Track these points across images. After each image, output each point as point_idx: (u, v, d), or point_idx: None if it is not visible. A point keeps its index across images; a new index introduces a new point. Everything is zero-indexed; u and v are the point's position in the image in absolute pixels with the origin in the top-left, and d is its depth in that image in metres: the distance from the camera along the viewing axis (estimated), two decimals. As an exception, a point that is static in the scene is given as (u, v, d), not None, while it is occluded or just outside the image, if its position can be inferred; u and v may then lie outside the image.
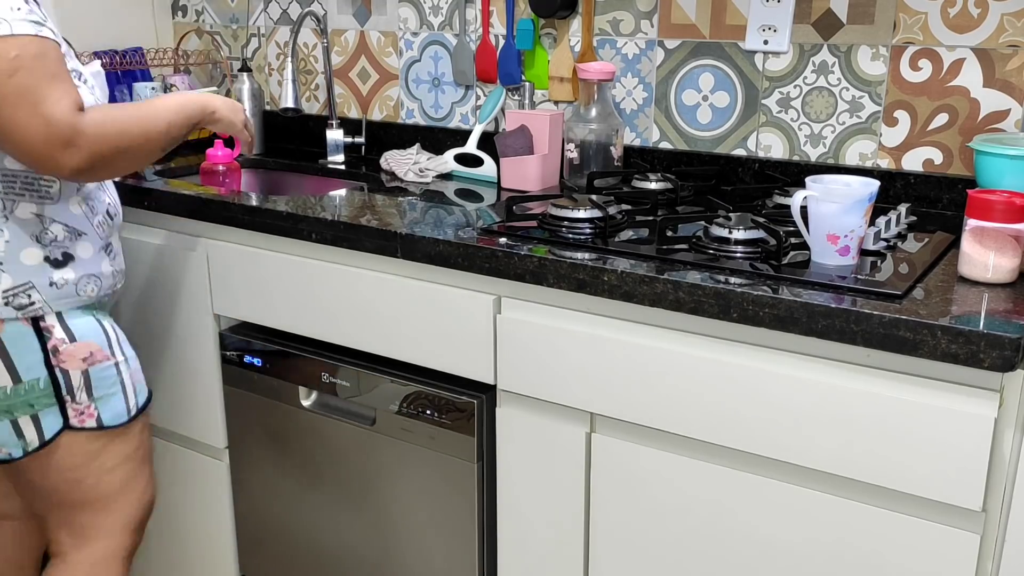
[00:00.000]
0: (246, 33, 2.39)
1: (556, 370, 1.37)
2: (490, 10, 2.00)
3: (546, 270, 1.33)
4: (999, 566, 1.13)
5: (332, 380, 1.62)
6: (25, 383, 1.37)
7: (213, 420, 1.81)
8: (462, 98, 2.10)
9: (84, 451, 1.46)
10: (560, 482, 1.43)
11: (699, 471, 1.30)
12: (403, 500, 1.60)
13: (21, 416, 1.39)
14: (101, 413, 1.45)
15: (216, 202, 1.67)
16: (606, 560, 1.42)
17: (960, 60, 1.57)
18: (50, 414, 1.40)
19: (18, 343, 1.35)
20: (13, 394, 1.37)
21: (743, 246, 1.33)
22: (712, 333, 1.26)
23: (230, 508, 1.87)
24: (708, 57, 1.78)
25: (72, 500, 1.49)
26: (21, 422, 1.39)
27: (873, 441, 1.15)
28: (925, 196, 1.64)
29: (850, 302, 1.14)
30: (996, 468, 1.11)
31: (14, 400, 1.37)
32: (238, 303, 1.71)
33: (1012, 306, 1.13)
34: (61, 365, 1.39)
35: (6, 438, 1.40)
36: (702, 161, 1.82)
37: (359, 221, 1.52)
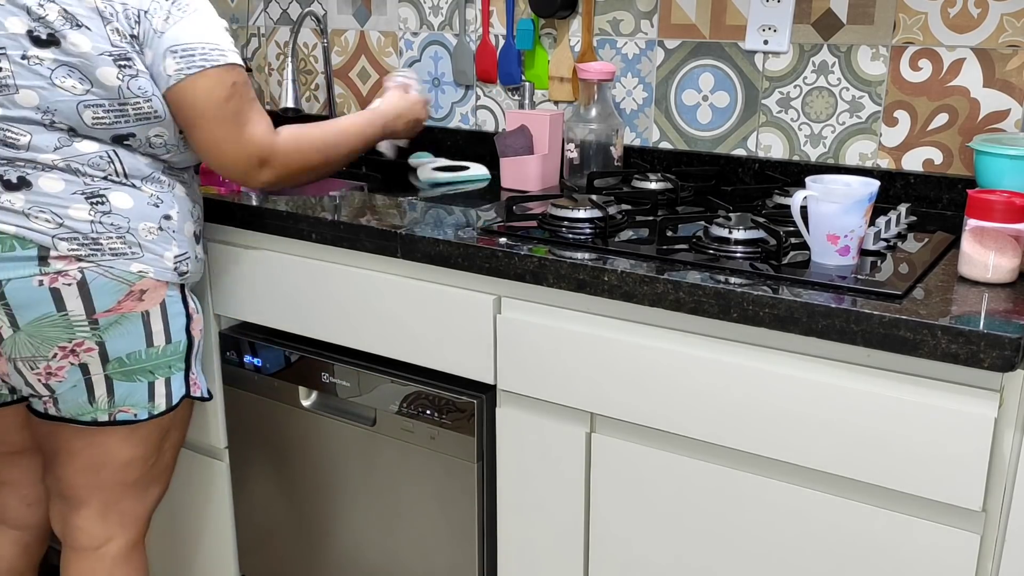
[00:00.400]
0: (246, 33, 2.39)
1: (556, 370, 1.37)
2: (490, 10, 2.00)
3: (546, 270, 1.33)
4: (999, 566, 1.13)
5: (332, 380, 1.62)
6: (173, 343, 1.48)
7: (213, 420, 1.81)
8: (462, 98, 2.10)
9: (169, 424, 1.54)
10: (560, 482, 1.43)
11: (699, 471, 1.30)
12: (403, 500, 1.60)
13: (159, 378, 1.48)
14: (201, 384, 1.56)
15: (216, 202, 1.67)
16: (606, 560, 1.42)
17: (960, 60, 1.57)
18: (179, 378, 1.51)
19: (175, 306, 1.47)
20: (163, 353, 1.47)
21: (743, 246, 1.33)
22: (712, 333, 1.26)
23: (230, 508, 1.87)
24: (708, 57, 1.78)
25: (129, 479, 1.54)
26: (156, 384, 1.48)
27: (873, 441, 1.15)
28: (925, 196, 1.64)
29: (850, 302, 1.14)
30: (996, 468, 1.11)
31: (161, 360, 1.47)
32: (238, 303, 1.71)
33: (1012, 306, 1.13)
34: (192, 331, 1.51)
35: (139, 399, 1.47)
36: (702, 161, 1.82)
37: (359, 221, 1.52)
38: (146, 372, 1.46)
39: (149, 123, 1.39)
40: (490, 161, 2.05)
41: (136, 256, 1.40)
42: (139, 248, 1.41)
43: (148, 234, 1.42)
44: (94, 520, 1.55)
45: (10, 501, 1.68)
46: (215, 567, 1.93)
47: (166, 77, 1.37)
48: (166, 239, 1.44)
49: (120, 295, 1.40)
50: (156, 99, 1.38)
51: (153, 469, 1.57)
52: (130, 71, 1.35)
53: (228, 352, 1.75)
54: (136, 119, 1.38)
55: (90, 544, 1.55)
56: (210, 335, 1.76)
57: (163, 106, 1.39)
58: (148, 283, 1.42)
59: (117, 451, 1.51)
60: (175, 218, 1.45)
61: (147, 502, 1.59)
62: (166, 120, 1.40)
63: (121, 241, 1.39)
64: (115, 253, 1.39)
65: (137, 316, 1.43)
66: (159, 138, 1.41)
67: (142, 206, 1.41)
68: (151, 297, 1.43)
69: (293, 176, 1.51)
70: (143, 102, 1.37)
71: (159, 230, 1.43)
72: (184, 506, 1.93)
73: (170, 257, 1.44)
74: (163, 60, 1.36)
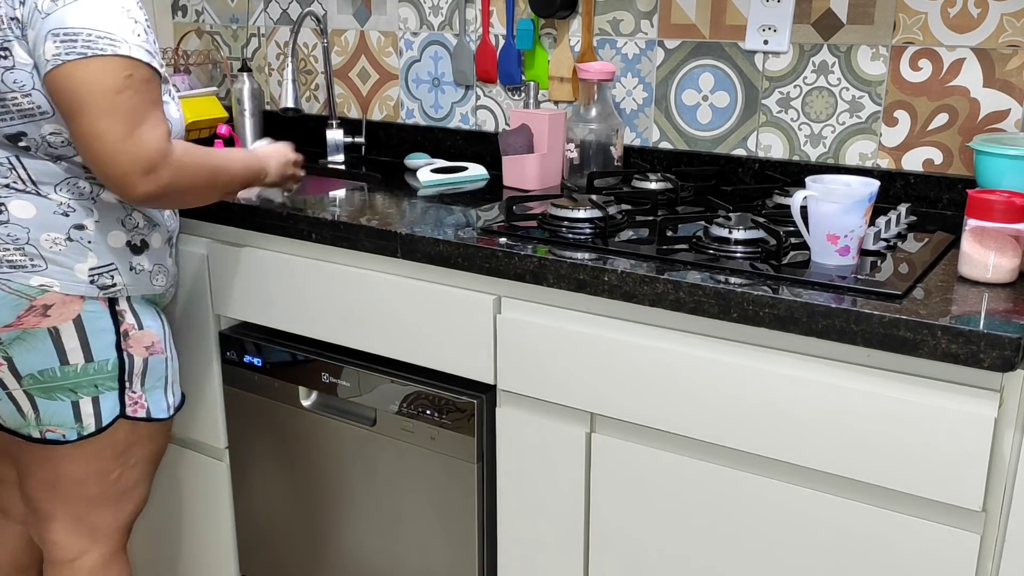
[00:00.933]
0: (246, 33, 2.39)
1: (556, 370, 1.37)
2: (490, 10, 2.00)
3: (546, 270, 1.33)
4: (999, 566, 1.13)
5: (332, 380, 1.62)
6: (96, 362, 1.41)
7: (213, 420, 1.81)
8: (462, 98, 2.10)
9: (124, 441, 1.48)
10: (560, 482, 1.43)
11: (699, 471, 1.30)
12: (403, 500, 1.60)
13: (83, 397, 1.42)
14: (150, 405, 1.49)
15: (216, 202, 1.66)
16: (606, 560, 1.42)
17: (960, 60, 1.57)
18: (110, 398, 1.44)
19: (95, 322, 1.40)
20: (83, 372, 1.40)
21: (743, 246, 1.33)
22: (712, 333, 1.26)
23: (230, 508, 1.87)
24: (708, 57, 1.78)
25: (92, 495, 1.50)
26: (82, 403, 1.42)
27: (873, 441, 1.15)
28: (925, 196, 1.64)
29: (850, 302, 1.14)
30: (996, 468, 1.11)
31: (82, 378, 1.41)
32: (238, 303, 1.71)
33: (1012, 306, 1.13)
34: (128, 350, 1.44)
35: (64, 419, 1.42)
36: (702, 161, 1.82)
37: (359, 221, 1.52)
38: (66, 391, 1.40)
39: (36, 120, 1.29)
40: (490, 161, 2.05)
41: (37, 268, 1.33)
42: (41, 260, 1.33)
43: (53, 245, 1.34)
44: (65, 534, 1.51)
45: (11, 497, 1.68)
46: (215, 567, 1.93)
47: (44, 62, 1.24)
48: (78, 250, 1.35)
49: (19, 309, 1.33)
50: (37, 93, 1.28)
51: (119, 483, 1.51)
52: (5, 62, 1.26)
53: (228, 352, 1.75)
54: (20, 116, 1.29)
55: (65, 556, 1.52)
56: (210, 335, 1.76)
57: (48, 101, 1.28)
58: (53, 297, 1.34)
59: (67, 468, 1.46)
60: (91, 228, 1.36)
61: (120, 515, 1.54)
62: (56, 117, 1.29)
63: (20, 253, 1.32)
64: (12, 265, 1.32)
65: (44, 332, 1.36)
66: (56, 136, 1.31)
67: (46, 216, 1.33)
68: (59, 312, 1.36)
69: (178, 193, 1.33)
70: (21, 97, 1.27)
71: (67, 240, 1.34)
72: (184, 506, 1.93)
73: (83, 269, 1.36)
74: (43, 43, 1.24)
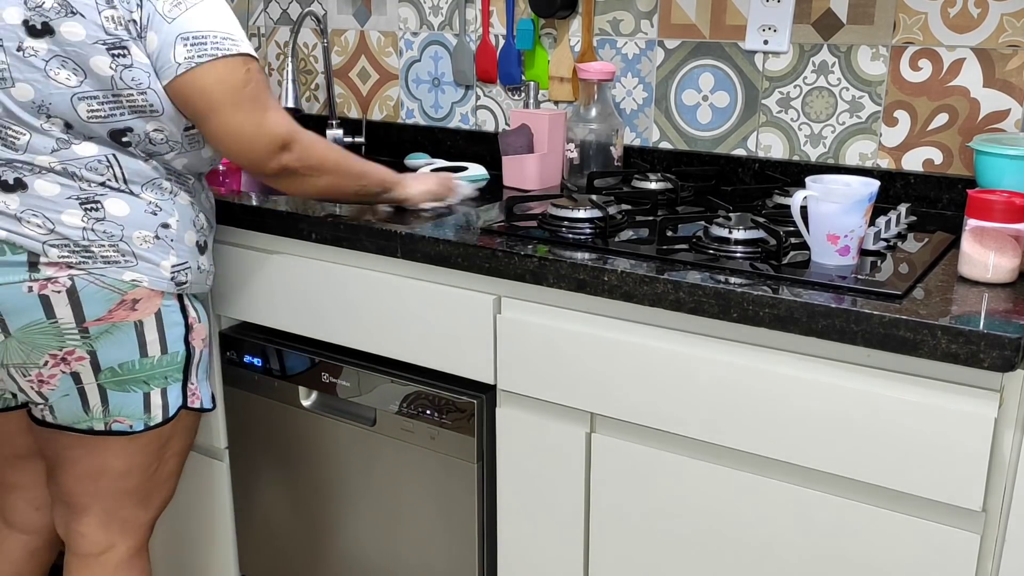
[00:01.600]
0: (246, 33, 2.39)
1: (556, 370, 1.37)
2: (490, 10, 2.00)
3: (546, 270, 1.33)
4: (999, 566, 1.13)
5: (332, 380, 1.62)
6: (169, 354, 1.45)
7: (213, 420, 1.81)
8: (462, 98, 2.10)
9: (170, 434, 1.51)
10: (560, 482, 1.43)
11: (699, 471, 1.30)
12: (403, 500, 1.60)
13: (154, 388, 1.45)
14: (203, 396, 1.53)
15: (217, 202, 1.66)
16: (606, 560, 1.42)
17: (960, 60, 1.57)
18: (175, 389, 1.47)
19: (171, 316, 1.44)
20: (158, 364, 1.44)
21: (743, 246, 1.33)
22: (712, 333, 1.26)
23: (230, 508, 1.87)
24: (708, 57, 1.78)
25: (129, 487, 1.52)
26: (152, 395, 1.45)
27: (873, 441, 1.15)
28: (925, 196, 1.64)
29: (850, 302, 1.14)
30: (996, 468, 1.11)
31: (156, 370, 1.44)
32: (238, 303, 1.71)
33: (1012, 306, 1.13)
34: (192, 342, 1.48)
35: (134, 410, 1.45)
36: (702, 161, 1.82)
37: (359, 221, 1.52)
38: (140, 382, 1.43)
39: (145, 117, 1.35)
40: (490, 161, 2.05)
41: (129, 265, 1.37)
42: (133, 257, 1.37)
43: (143, 243, 1.38)
44: (96, 527, 1.53)
45: (18, 504, 1.68)
46: (215, 567, 1.93)
47: (175, 65, 1.32)
48: (163, 248, 1.40)
49: (111, 304, 1.37)
50: (152, 92, 1.34)
51: (155, 477, 1.54)
52: (124, 60, 1.31)
53: (228, 352, 1.75)
54: (131, 112, 1.34)
55: (92, 550, 1.54)
56: (211, 336, 1.75)
57: (160, 100, 1.34)
58: (141, 292, 1.39)
59: (115, 460, 1.49)
60: (174, 227, 1.42)
61: (150, 510, 1.57)
62: (165, 115, 1.36)
63: (114, 249, 1.36)
64: (107, 261, 1.36)
65: (130, 326, 1.40)
66: (159, 133, 1.38)
67: (138, 214, 1.38)
68: (145, 307, 1.40)
69: (311, 170, 1.43)
70: (136, 94, 1.33)
71: (155, 239, 1.39)
72: (184, 506, 1.93)
73: (167, 267, 1.41)
74: (173, 47, 1.32)
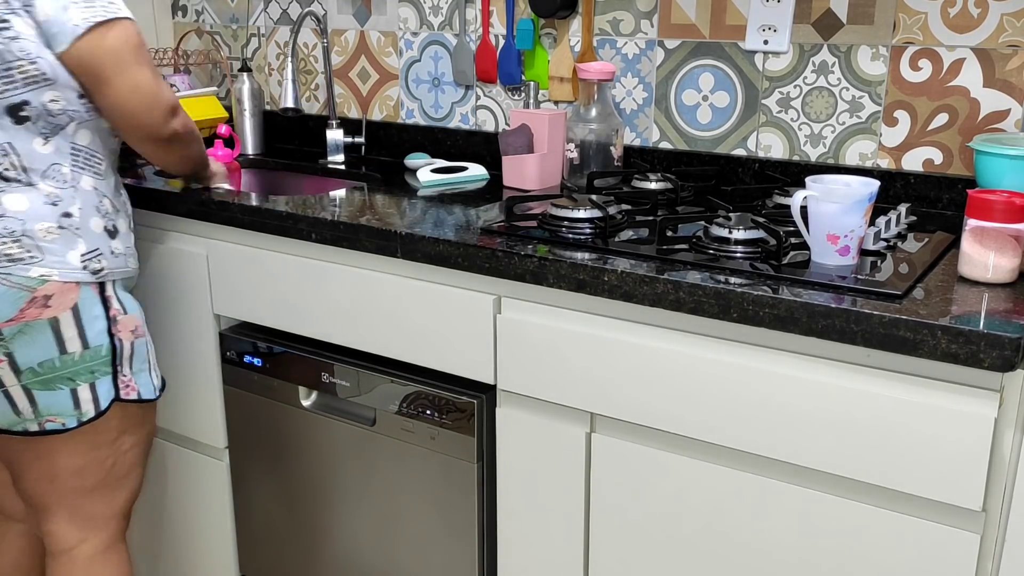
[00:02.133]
0: (246, 33, 2.39)
1: (556, 370, 1.37)
2: (490, 10, 2.00)
3: (546, 270, 1.33)
4: (999, 566, 1.13)
5: (332, 380, 1.62)
6: (91, 349, 1.44)
7: (213, 420, 1.81)
8: (462, 98, 2.10)
9: (117, 427, 1.52)
10: (560, 482, 1.43)
11: (699, 471, 1.30)
12: (403, 500, 1.60)
13: (81, 384, 1.44)
14: (139, 387, 1.52)
15: (216, 202, 1.67)
16: (606, 560, 1.42)
17: (960, 60, 1.57)
18: (105, 383, 1.47)
19: (90, 310, 1.43)
20: (80, 360, 1.43)
21: (743, 246, 1.33)
22: (712, 333, 1.26)
23: (230, 508, 1.87)
24: (708, 57, 1.78)
25: (88, 484, 1.52)
26: (80, 391, 1.45)
27: (873, 441, 1.15)
28: (925, 196, 1.64)
29: (850, 302, 1.14)
30: (996, 468, 1.11)
31: (80, 366, 1.44)
32: (238, 303, 1.71)
33: (1012, 306, 1.13)
34: (118, 334, 1.47)
35: (63, 407, 1.44)
36: (702, 161, 1.82)
37: (359, 221, 1.52)
38: (64, 379, 1.42)
39: (39, 87, 1.35)
40: (490, 161, 2.05)
41: (36, 260, 1.36)
42: (38, 251, 1.36)
43: (47, 235, 1.37)
44: (63, 525, 1.53)
45: (6, 496, 1.68)
46: (215, 567, 1.93)
47: (72, 27, 1.33)
48: (69, 238, 1.39)
49: (21, 303, 1.35)
50: (43, 60, 1.34)
51: (115, 471, 1.54)
52: (7, 33, 1.32)
53: (228, 352, 1.75)
54: (25, 83, 1.34)
55: (63, 547, 1.54)
56: (210, 335, 1.76)
57: (53, 67, 1.35)
58: (53, 287, 1.37)
59: (65, 460, 1.48)
60: (76, 215, 1.41)
61: (116, 503, 1.56)
62: (59, 83, 1.36)
63: (17, 245, 1.35)
64: (11, 259, 1.34)
65: (44, 324, 1.38)
66: (55, 104, 1.37)
67: (37, 206, 1.37)
68: (59, 302, 1.39)
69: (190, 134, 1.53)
70: (27, 64, 1.33)
71: (59, 228, 1.38)
72: (184, 506, 1.93)
73: (75, 256, 1.39)
74: (66, 11, 1.33)
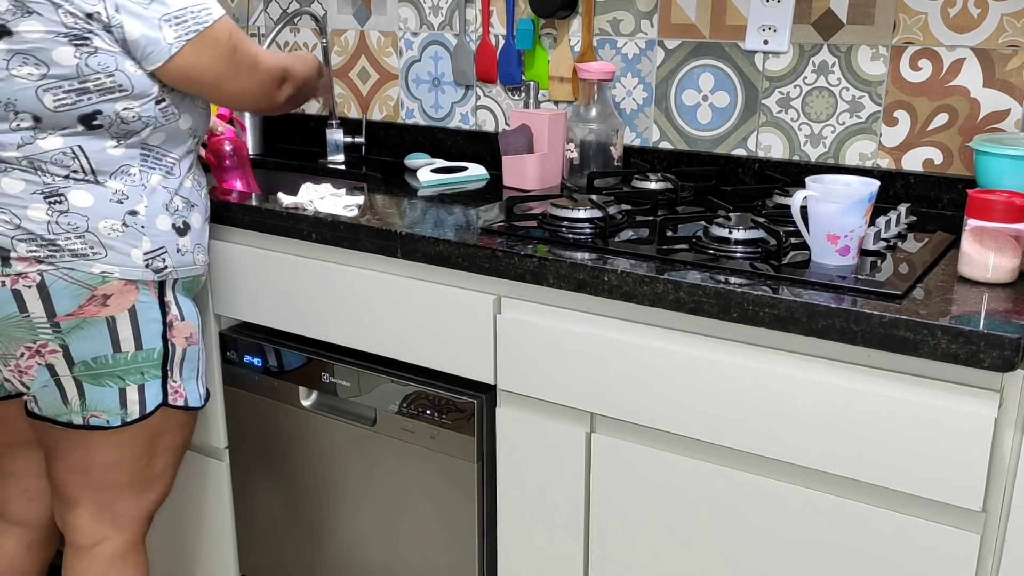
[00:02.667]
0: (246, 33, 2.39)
1: (556, 370, 1.37)
2: (490, 10, 2.00)
3: (546, 270, 1.33)
4: (999, 566, 1.13)
5: (332, 380, 1.62)
6: (144, 351, 1.45)
7: (213, 420, 1.81)
8: (462, 98, 2.10)
9: (157, 429, 1.52)
10: (560, 482, 1.43)
11: (699, 471, 1.30)
12: (403, 500, 1.60)
13: (130, 384, 1.45)
14: (187, 394, 1.53)
15: (216, 202, 1.67)
16: (606, 560, 1.42)
17: (960, 60, 1.57)
18: (154, 386, 1.48)
19: (147, 312, 1.44)
20: (132, 360, 1.45)
21: (743, 246, 1.33)
22: (712, 333, 1.26)
23: (230, 508, 1.87)
24: (708, 57, 1.78)
25: (120, 481, 1.52)
26: (128, 391, 1.46)
27: (873, 441, 1.15)
28: (925, 196, 1.64)
29: (850, 302, 1.14)
30: (996, 468, 1.11)
31: (131, 366, 1.45)
32: (238, 303, 1.71)
33: (1012, 306, 1.13)
34: (172, 339, 1.48)
35: (110, 405, 1.45)
36: (702, 161, 1.82)
37: (359, 221, 1.52)
38: (115, 377, 1.44)
39: (114, 98, 1.36)
40: (490, 161, 2.05)
41: (98, 256, 1.38)
42: (101, 248, 1.38)
43: (111, 232, 1.39)
44: (88, 519, 1.54)
45: (11, 493, 1.68)
46: (215, 567, 1.93)
47: (167, 46, 1.36)
48: (133, 235, 1.41)
49: (81, 299, 1.38)
50: (120, 74, 1.35)
51: (147, 472, 1.55)
52: (87, 48, 1.33)
53: (228, 352, 1.75)
54: (99, 95, 1.35)
55: (86, 542, 1.55)
56: (210, 335, 1.76)
57: (129, 80, 1.36)
58: (113, 287, 1.39)
59: (101, 454, 1.49)
60: (142, 213, 1.42)
61: (143, 504, 1.57)
62: (134, 93, 1.37)
63: (81, 241, 1.37)
64: (75, 254, 1.36)
65: (101, 321, 1.40)
66: (129, 112, 1.38)
67: (103, 204, 1.38)
68: (117, 302, 1.40)
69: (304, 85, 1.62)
70: (104, 77, 1.34)
71: (124, 226, 1.40)
72: (184, 506, 1.93)
73: (139, 255, 1.41)
74: (160, 30, 1.35)
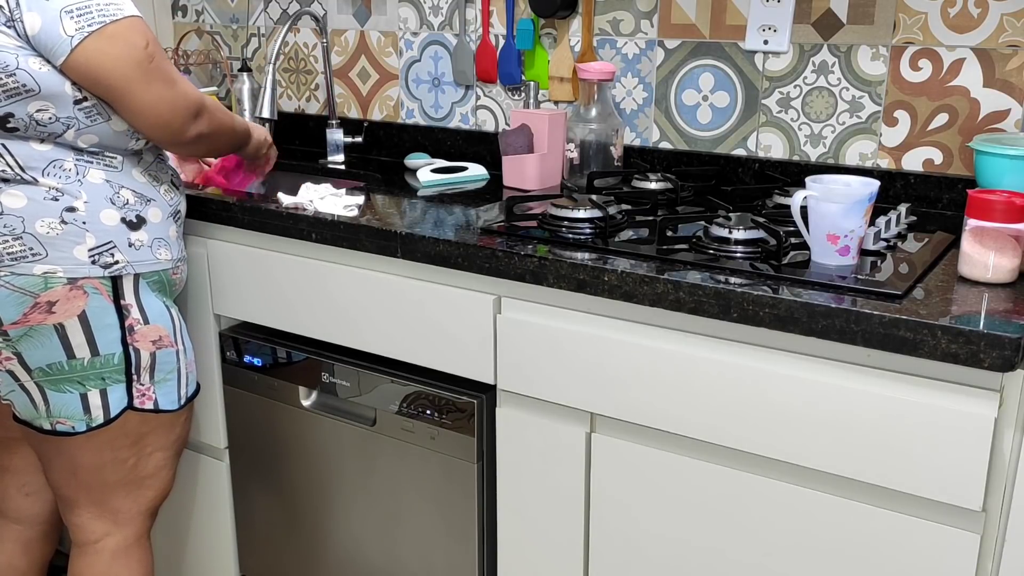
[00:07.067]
0: (246, 33, 2.39)
1: (556, 370, 1.37)
2: (490, 10, 2.00)
3: (546, 270, 1.33)
4: (999, 566, 1.13)
5: (332, 380, 1.62)
6: (102, 356, 1.43)
7: (213, 420, 1.81)
8: (462, 98, 2.10)
9: (136, 432, 1.51)
10: (560, 482, 1.43)
11: (699, 471, 1.30)
12: (403, 500, 1.60)
13: (91, 389, 1.44)
14: (158, 397, 1.51)
15: (216, 202, 1.67)
16: (606, 560, 1.42)
17: (960, 60, 1.57)
18: (117, 391, 1.46)
19: (100, 318, 1.42)
20: (89, 366, 1.43)
21: (743, 246, 1.33)
22: (712, 333, 1.26)
23: (230, 508, 1.87)
24: (708, 57, 1.78)
25: (110, 481, 1.52)
26: (90, 396, 1.45)
27: (873, 441, 1.15)
28: (925, 196, 1.64)
29: (850, 302, 1.14)
30: (996, 468, 1.11)
31: (89, 371, 1.43)
32: (238, 303, 1.71)
33: (1012, 306, 1.13)
34: (135, 344, 1.46)
35: (73, 411, 1.45)
36: (702, 161, 1.82)
37: (359, 221, 1.52)
38: (74, 383, 1.42)
39: (23, 99, 1.32)
40: (490, 161, 2.05)
41: (39, 257, 1.35)
42: (41, 248, 1.35)
43: (49, 231, 1.35)
44: (89, 517, 1.55)
45: (8, 489, 1.69)
46: (215, 567, 1.93)
47: (67, 39, 1.29)
48: (74, 233, 1.37)
49: (24, 307, 1.35)
50: (23, 72, 1.30)
51: (136, 471, 1.54)
52: None
53: (228, 352, 1.75)
54: (6, 96, 1.31)
55: (88, 539, 1.56)
56: (210, 335, 1.76)
57: (33, 79, 1.31)
58: (58, 293, 1.36)
59: (82, 457, 1.49)
60: (82, 209, 1.38)
61: (141, 501, 1.57)
62: (43, 94, 1.32)
63: (19, 243, 1.34)
64: (14, 257, 1.34)
65: (50, 328, 1.38)
66: (43, 114, 1.33)
67: (37, 202, 1.35)
68: (64, 309, 1.38)
69: (219, 129, 1.51)
70: (6, 77, 1.30)
71: (62, 224, 1.36)
72: (184, 506, 1.93)
73: (82, 251, 1.38)
74: (60, 23, 1.29)
